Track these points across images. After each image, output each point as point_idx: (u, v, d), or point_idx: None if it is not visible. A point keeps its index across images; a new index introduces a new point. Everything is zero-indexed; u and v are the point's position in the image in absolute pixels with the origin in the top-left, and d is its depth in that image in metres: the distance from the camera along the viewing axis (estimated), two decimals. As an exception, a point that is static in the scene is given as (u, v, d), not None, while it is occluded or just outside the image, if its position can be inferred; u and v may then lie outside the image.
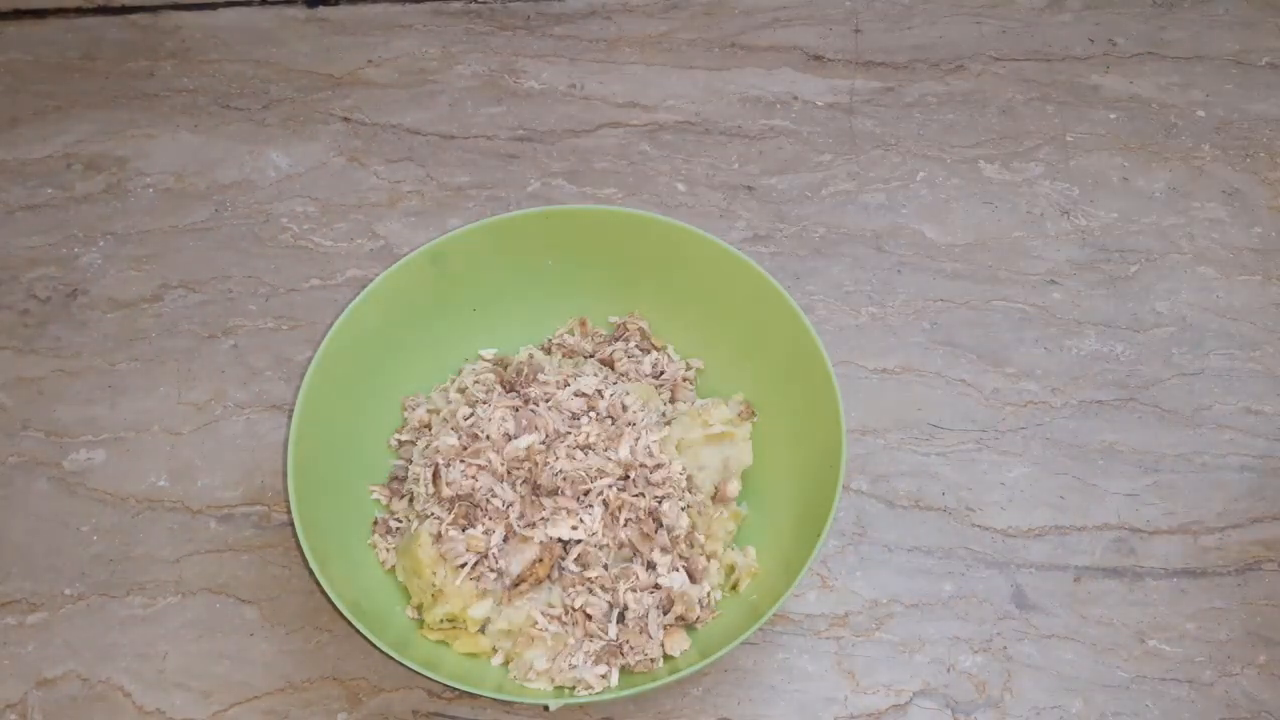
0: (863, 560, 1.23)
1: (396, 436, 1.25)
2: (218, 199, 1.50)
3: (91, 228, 1.47)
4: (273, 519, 1.26)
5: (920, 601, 1.21)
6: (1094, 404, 1.34)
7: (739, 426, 1.22)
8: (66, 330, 1.38)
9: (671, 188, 1.51)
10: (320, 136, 1.56)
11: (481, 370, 1.26)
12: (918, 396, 1.34)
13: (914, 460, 1.29)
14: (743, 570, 1.15)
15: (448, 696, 1.15)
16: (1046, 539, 1.25)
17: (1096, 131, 1.56)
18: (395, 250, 1.45)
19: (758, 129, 1.57)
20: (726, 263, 1.23)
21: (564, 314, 1.32)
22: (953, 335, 1.38)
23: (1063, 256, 1.45)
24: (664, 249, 1.26)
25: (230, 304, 1.41)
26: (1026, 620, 1.19)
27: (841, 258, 1.44)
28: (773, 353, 1.22)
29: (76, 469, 1.29)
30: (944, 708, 1.15)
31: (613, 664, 1.08)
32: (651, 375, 1.27)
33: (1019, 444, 1.31)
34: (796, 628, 1.19)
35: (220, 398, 1.34)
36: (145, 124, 1.57)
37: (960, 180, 1.51)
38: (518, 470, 1.14)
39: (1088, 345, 1.38)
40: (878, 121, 1.57)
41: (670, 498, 1.14)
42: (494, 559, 1.10)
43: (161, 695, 1.15)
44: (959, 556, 1.23)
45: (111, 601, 1.21)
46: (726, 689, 1.16)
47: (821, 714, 1.15)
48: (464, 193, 1.50)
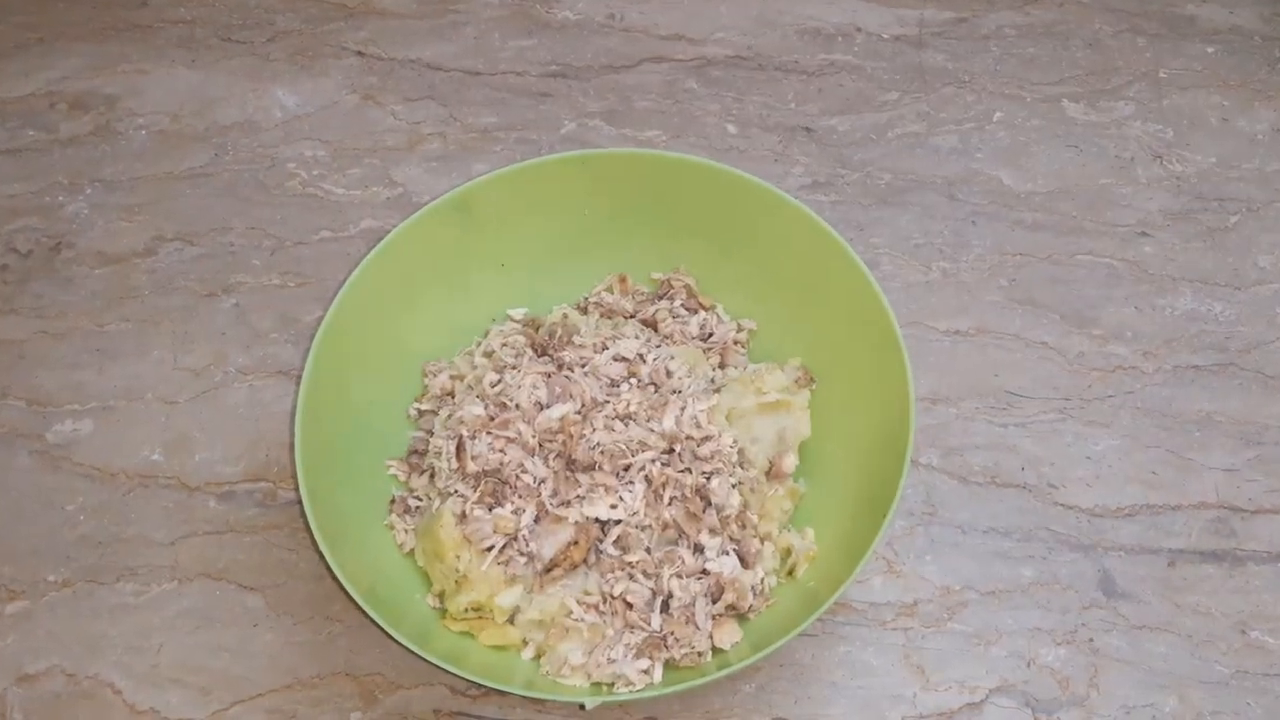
0: (933, 543, 1.22)
1: (416, 406, 1.24)
2: (217, 142, 1.49)
3: (78, 174, 1.46)
4: (278, 497, 1.25)
5: (997, 589, 1.19)
6: (1190, 369, 1.32)
7: (796, 394, 1.20)
8: (50, 288, 1.38)
9: (721, 130, 1.49)
10: (331, 72, 1.56)
11: (510, 332, 1.25)
12: (994, 361, 1.32)
13: (990, 432, 1.28)
14: (800, 554, 1.14)
15: (472, 694, 1.14)
16: (1137, 519, 1.23)
17: (1193, 67, 1.54)
18: (414, 199, 1.44)
19: (816, 64, 1.55)
20: (782, 213, 1.21)
21: (602, 270, 1.31)
22: (1033, 293, 1.36)
23: (1155, 206, 1.43)
24: (712, 198, 1.24)
25: (231, 258, 1.40)
26: (1115, 609, 1.18)
27: (910, 207, 1.43)
28: (833, 313, 1.21)
29: (61, 441, 1.28)
30: (1023, 706, 1.13)
31: (656, 658, 1.07)
32: (699, 337, 1.26)
33: (1106, 414, 1.29)
34: (860, 618, 1.18)
35: (220, 362, 1.33)
36: (137, 58, 1.57)
37: (1041, 121, 1.50)
38: (550, 443, 1.13)
39: (1183, 304, 1.36)
40: (950, 56, 1.55)
41: (720, 473, 1.13)
42: (524, 541, 1.09)
43: (155, 692, 1.15)
44: (1040, 539, 1.22)
45: (100, 588, 1.20)
46: (782, 686, 1.14)
47: (887, 713, 1.13)
48: (491, 135, 1.49)
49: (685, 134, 1.49)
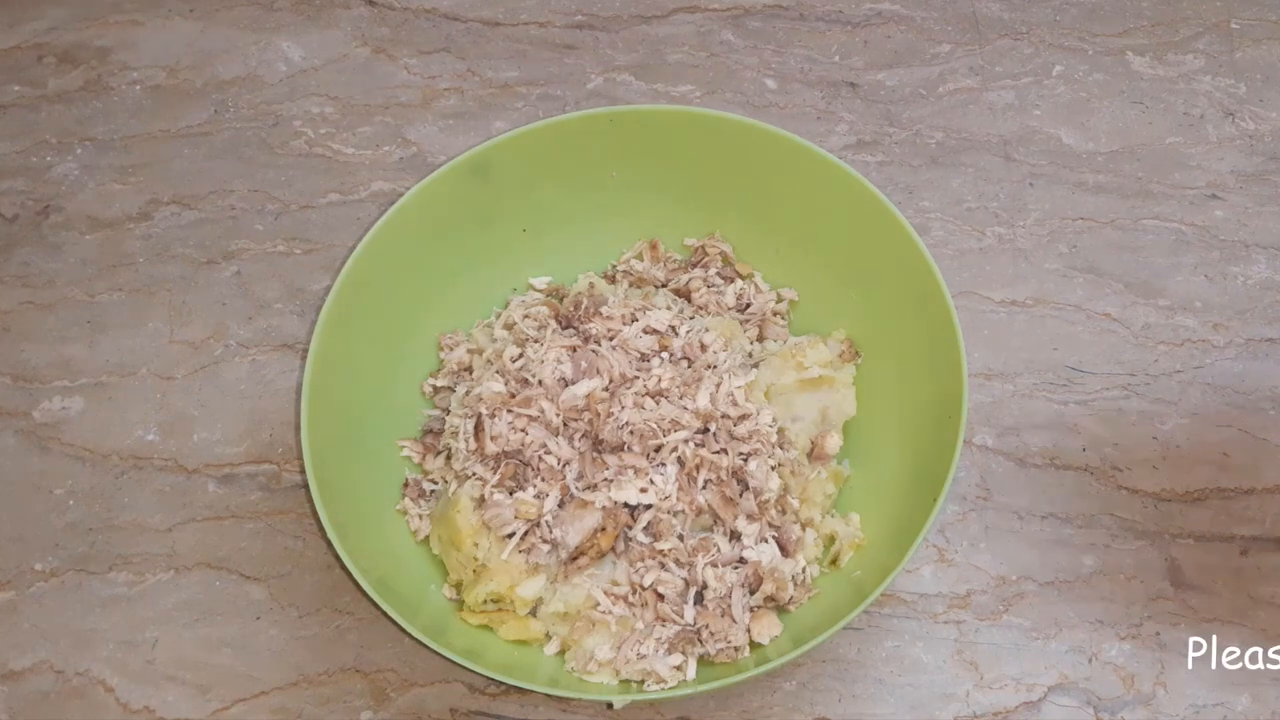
0: (988, 530, 1.21)
1: (431, 382, 1.24)
2: (217, 98, 1.49)
3: (67, 132, 1.46)
4: (283, 480, 1.25)
5: (1056, 579, 1.18)
6: (1264, 342, 1.30)
7: (840, 370, 1.20)
8: (37, 254, 1.38)
9: (759, 85, 1.49)
10: (339, 23, 1.55)
11: (533, 303, 1.25)
12: (1053, 334, 1.31)
13: (1049, 410, 1.27)
14: (845, 541, 1.14)
15: (492, 692, 1.14)
16: (1207, 504, 1.22)
17: (1267, 17, 1.52)
18: (430, 159, 1.44)
19: (862, 14, 1.54)
20: (825, 174, 1.20)
21: (631, 236, 1.31)
22: (1095, 260, 1.35)
23: (1226, 166, 1.41)
24: (750, 158, 1.23)
25: (232, 223, 1.40)
26: (1183, 601, 1.17)
27: (962, 168, 1.42)
28: (880, 282, 1.20)
29: (49, 420, 1.28)
30: (1084, 705, 1.12)
31: (689, 653, 1.06)
32: (736, 308, 1.26)
33: (1174, 390, 1.28)
34: (909, 610, 1.17)
35: (220, 335, 1.33)
36: (130, 8, 1.56)
37: (1104, 76, 1.48)
38: (576, 422, 1.12)
39: (1256, 272, 1.34)
40: (1006, 4, 1.54)
41: (758, 455, 1.12)
42: (547, 528, 1.09)
43: (150, 690, 1.15)
44: (1103, 525, 1.21)
45: (91, 578, 1.20)
46: (825, 683, 1.14)
47: (938, 713, 1.13)
48: (512, 90, 1.49)
49: (721, 89, 1.48)
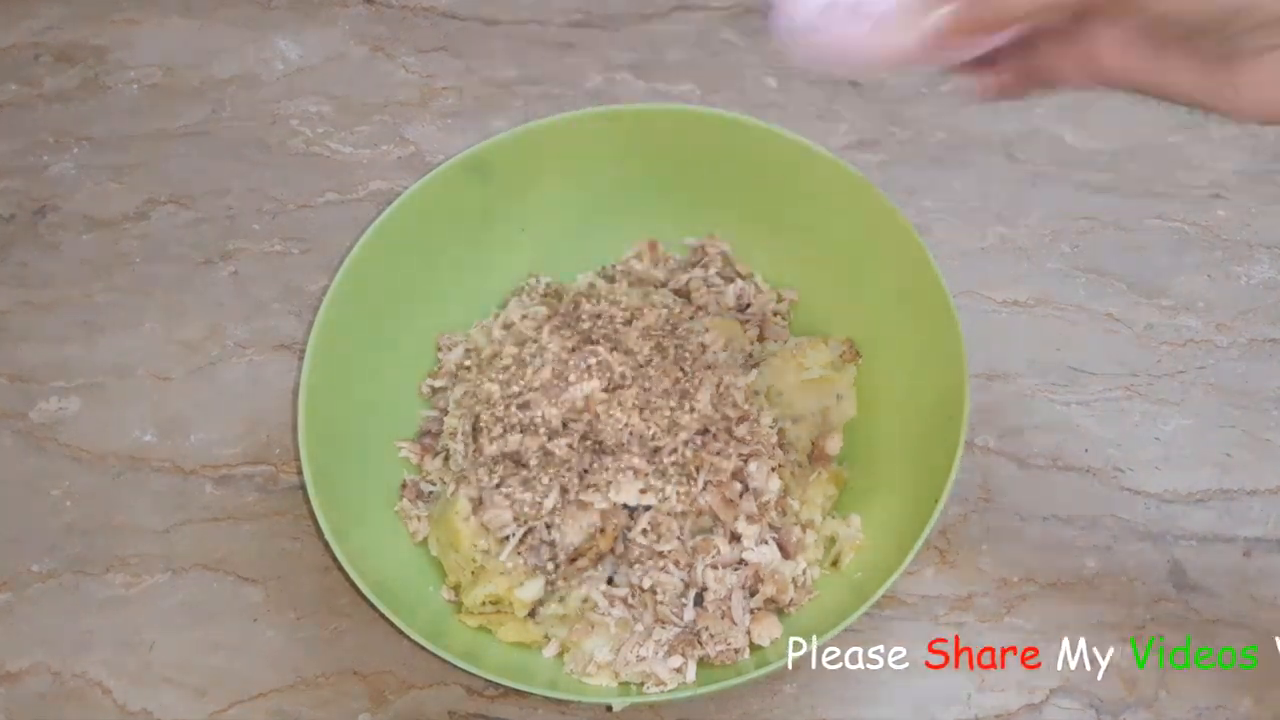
0: (989, 531, 1.21)
1: (429, 382, 1.24)
2: (214, 97, 1.49)
3: (64, 132, 1.46)
4: (280, 481, 1.25)
5: (1059, 581, 1.19)
6: (1267, 342, 1.31)
7: (841, 371, 1.20)
8: (33, 254, 1.38)
9: (760, 84, 1.49)
10: (338, 21, 1.55)
11: (531, 303, 1.25)
12: (1055, 334, 1.31)
13: (1051, 411, 1.27)
14: (845, 543, 1.14)
15: (490, 694, 1.14)
16: (1211, 505, 1.22)
17: None
18: (428, 158, 1.44)
19: None
20: (826, 174, 1.20)
21: (630, 235, 1.31)
22: (1097, 260, 1.35)
23: (1230, 166, 1.41)
24: (750, 158, 1.23)
25: (229, 223, 1.40)
26: (1186, 603, 1.17)
27: (964, 168, 1.42)
28: (882, 282, 1.20)
29: (45, 421, 1.28)
30: (1086, 708, 1.13)
31: (689, 656, 1.06)
32: (735, 309, 1.26)
33: (1177, 391, 1.28)
34: (910, 612, 1.17)
35: (217, 335, 1.33)
36: (127, 7, 1.56)
37: None
38: (575, 423, 1.13)
39: (1260, 272, 1.35)
40: None
41: (758, 456, 1.12)
42: (546, 529, 1.09)
43: (147, 692, 1.15)
44: (1105, 526, 1.21)
45: (87, 580, 1.20)
46: (825, 685, 1.14)
47: (940, 715, 1.13)
48: (510, 89, 1.49)
49: (721, 88, 1.48)
